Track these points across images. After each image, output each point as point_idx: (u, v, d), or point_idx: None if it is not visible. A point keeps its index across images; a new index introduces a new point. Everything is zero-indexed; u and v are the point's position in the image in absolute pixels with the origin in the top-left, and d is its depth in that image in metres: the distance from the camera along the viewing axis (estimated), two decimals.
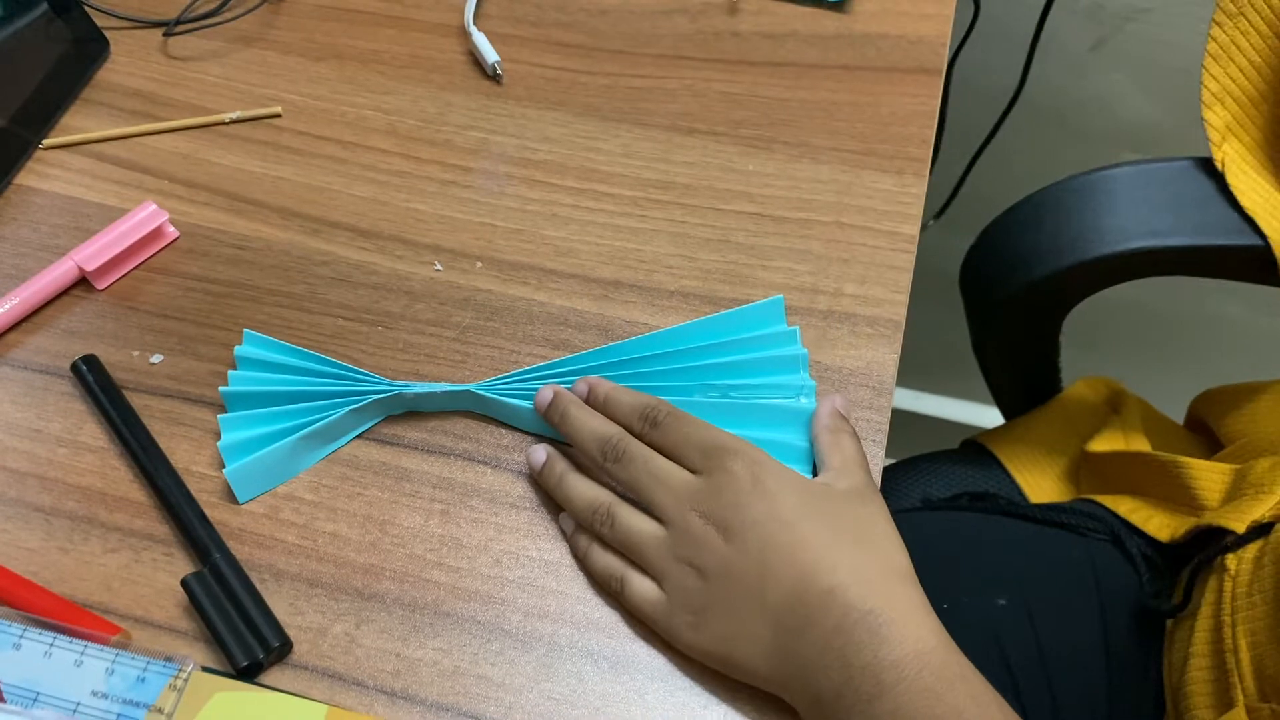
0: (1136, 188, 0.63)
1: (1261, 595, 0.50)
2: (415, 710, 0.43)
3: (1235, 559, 0.53)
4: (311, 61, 0.65)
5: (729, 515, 0.43)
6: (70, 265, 0.55)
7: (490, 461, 0.50)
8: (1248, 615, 0.51)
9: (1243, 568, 0.53)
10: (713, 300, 0.55)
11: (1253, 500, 0.55)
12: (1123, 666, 0.59)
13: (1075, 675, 0.42)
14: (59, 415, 0.52)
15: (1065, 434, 0.72)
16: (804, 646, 0.40)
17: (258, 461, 0.48)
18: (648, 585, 0.44)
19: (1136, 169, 0.64)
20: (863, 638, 0.39)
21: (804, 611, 0.40)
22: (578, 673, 0.44)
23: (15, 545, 0.48)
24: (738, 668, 0.42)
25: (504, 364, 0.53)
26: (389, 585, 0.46)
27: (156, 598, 0.46)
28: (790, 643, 0.41)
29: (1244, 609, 0.51)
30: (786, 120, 0.62)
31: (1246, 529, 0.53)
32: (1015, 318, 0.71)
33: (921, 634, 0.39)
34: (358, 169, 0.60)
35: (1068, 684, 0.42)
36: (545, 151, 0.61)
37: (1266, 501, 0.54)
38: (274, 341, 0.52)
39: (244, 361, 0.52)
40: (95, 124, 0.63)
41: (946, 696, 0.38)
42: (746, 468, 0.43)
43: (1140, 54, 0.97)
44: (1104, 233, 0.62)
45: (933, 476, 0.74)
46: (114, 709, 0.41)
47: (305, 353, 0.52)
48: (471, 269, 0.56)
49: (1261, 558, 0.52)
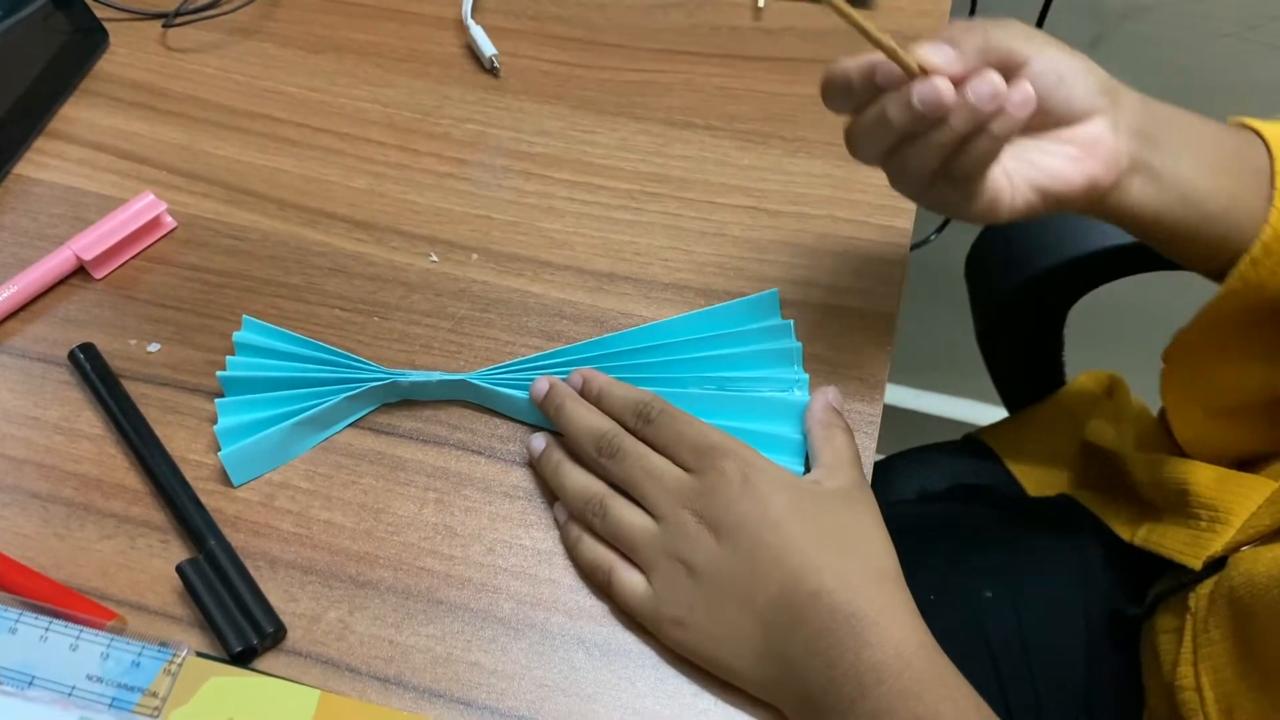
0: None
1: (1220, 631, 0.50)
2: (408, 696, 0.44)
3: (1194, 597, 0.52)
4: (310, 54, 0.66)
5: (720, 515, 0.43)
6: (68, 254, 0.55)
7: (484, 451, 0.50)
8: (1209, 652, 0.50)
9: (1200, 604, 0.52)
10: (707, 293, 0.55)
11: (1208, 531, 0.53)
12: (1102, 663, 0.60)
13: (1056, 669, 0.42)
14: (56, 403, 0.52)
15: (1065, 427, 0.72)
16: (790, 648, 0.41)
17: (253, 445, 0.49)
18: (636, 578, 0.44)
19: None
20: (846, 640, 0.40)
21: (790, 614, 0.41)
22: (570, 660, 0.45)
23: (12, 531, 0.48)
24: (723, 666, 0.43)
25: (499, 355, 0.53)
26: (383, 573, 0.47)
27: (152, 584, 0.47)
28: (777, 644, 0.41)
29: (1204, 645, 0.50)
30: (783, 115, 0.62)
31: (1203, 566, 0.52)
32: (1020, 309, 0.71)
33: (904, 636, 0.40)
34: (355, 161, 0.61)
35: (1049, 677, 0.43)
36: (542, 144, 0.61)
37: (1222, 535, 0.52)
38: (273, 328, 0.53)
39: (243, 348, 0.53)
40: (94, 115, 0.63)
41: (926, 698, 0.39)
42: (738, 468, 0.44)
43: (1139, 52, 0.97)
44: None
45: (931, 468, 0.74)
46: (109, 693, 0.42)
47: (304, 340, 0.52)
48: (467, 261, 0.56)
49: (1214, 593, 0.51)
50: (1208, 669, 0.49)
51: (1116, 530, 0.61)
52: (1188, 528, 0.55)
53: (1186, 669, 0.50)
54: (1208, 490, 0.54)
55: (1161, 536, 0.56)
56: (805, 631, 0.40)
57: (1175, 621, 0.53)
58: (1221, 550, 0.52)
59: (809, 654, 0.40)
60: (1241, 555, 0.50)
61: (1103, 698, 0.58)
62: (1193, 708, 0.49)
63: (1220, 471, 0.55)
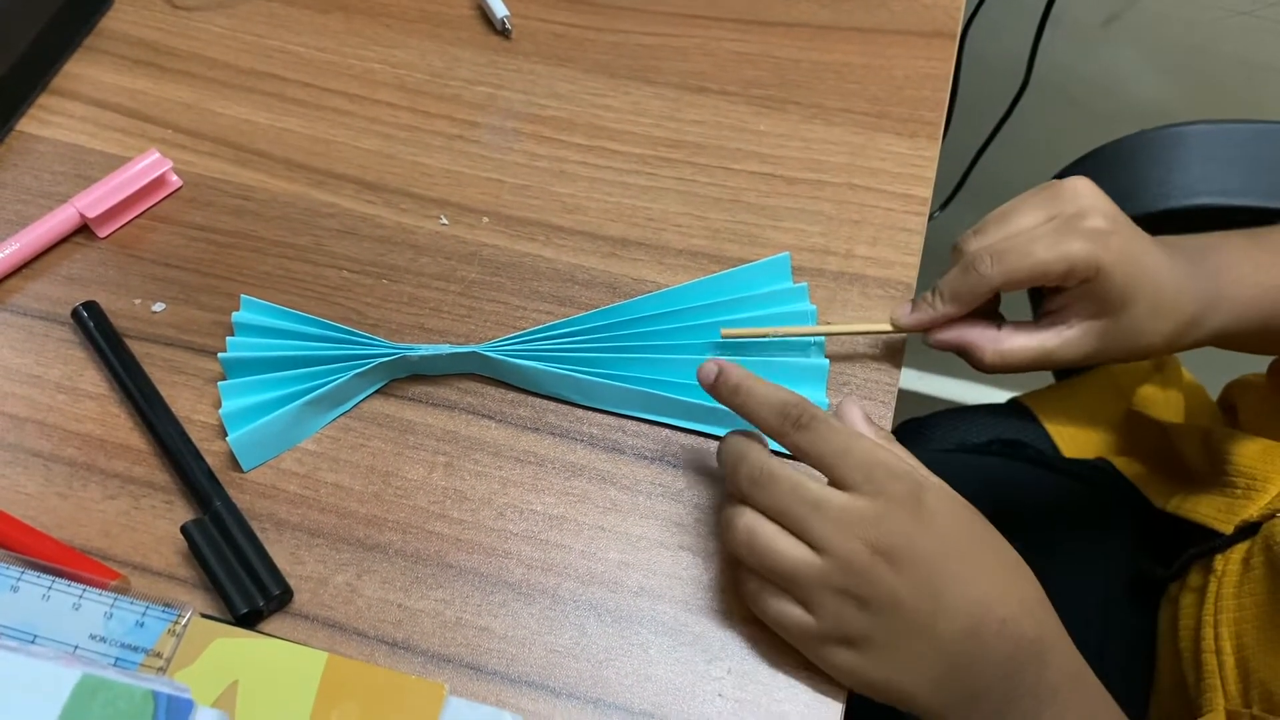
0: (1208, 146, 0.63)
1: (1252, 598, 0.49)
2: (417, 660, 0.43)
3: (1223, 559, 0.52)
4: (318, 13, 0.65)
5: (897, 544, 0.39)
6: (72, 212, 0.54)
7: (495, 416, 0.49)
8: (1235, 617, 0.50)
9: (1230, 568, 0.52)
10: (721, 260, 0.54)
11: (1243, 498, 0.53)
12: (1118, 625, 0.59)
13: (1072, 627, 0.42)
14: (59, 361, 0.51)
15: (1109, 394, 0.72)
16: (973, 676, 0.40)
17: (262, 428, 0.47)
18: (796, 611, 0.41)
19: (1211, 127, 0.64)
20: (1028, 664, 0.40)
21: (977, 642, 0.39)
22: (580, 625, 0.44)
23: (14, 490, 0.47)
24: (896, 694, 0.40)
25: (510, 319, 0.52)
26: (391, 536, 0.46)
27: (156, 545, 0.46)
28: (959, 672, 0.40)
29: (1229, 609, 0.50)
30: (799, 81, 0.61)
31: (1235, 530, 0.52)
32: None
33: (1072, 656, 0.41)
34: (364, 122, 0.60)
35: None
36: (554, 108, 0.60)
37: (1258, 501, 0.52)
38: (272, 306, 0.51)
39: (242, 328, 0.51)
40: (99, 72, 0.62)
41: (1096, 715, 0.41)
42: (909, 490, 0.40)
43: (1152, 31, 0.96)
44: (1171, 187, 0.62)
45: (972, 424, 0.74)
46: (112, 652, 0.41)
47: (305, 317, 0.51)
48: (478, 224, 0.56)
49: (1249, 559, 0.51)
50: (1230, 633, 0.49)
51: (1150, 497, 0.60)
52: (1223, 495, 0.54)
53: (1209, 631, 0.50)
54: (1250, 460, 0.54)
55: (1195, 504, 0.56)
56: (992, 659, 0.39)
57: (1201, 581, 0.53)
58: (1256, 515, 0.51)
59: (994, 679, 0.40)
60: (1277, 521, 0.50)
61: (1113, 661, 0.58)
62: (1210, 669, 0.49)
63: (1267, 444, 0.54)
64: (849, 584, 0.40)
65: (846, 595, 0.40)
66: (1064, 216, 0.45)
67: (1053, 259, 0.44)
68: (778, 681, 0.42)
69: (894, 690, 0.40)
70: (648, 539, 0.46)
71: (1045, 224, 0.46)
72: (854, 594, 0.40)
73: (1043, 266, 0.45)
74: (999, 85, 0.91)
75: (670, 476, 0.48)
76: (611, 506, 0.47)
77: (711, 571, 0.45)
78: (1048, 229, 0.45)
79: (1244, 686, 0.48)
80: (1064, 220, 0.45)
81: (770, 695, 0.42)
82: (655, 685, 0.42)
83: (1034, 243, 0.45)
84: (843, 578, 0.40)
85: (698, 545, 0.46)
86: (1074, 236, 0.44)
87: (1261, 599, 0.49)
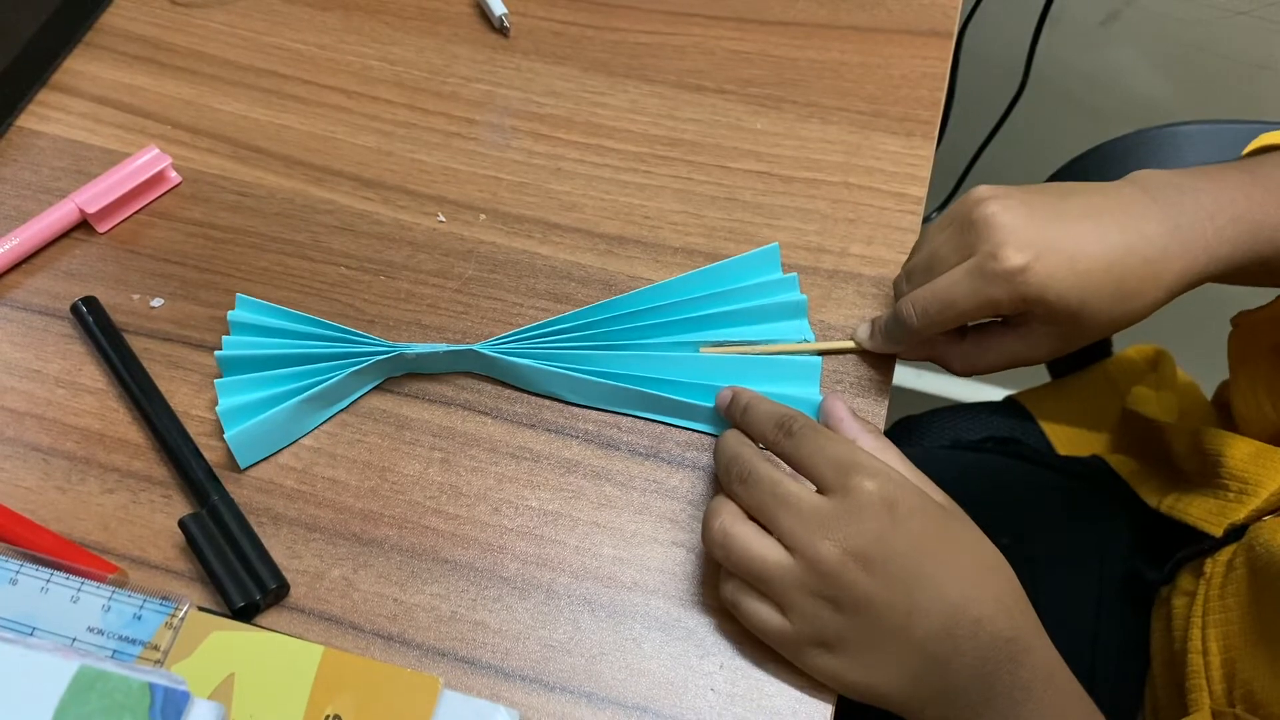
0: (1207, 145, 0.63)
1: (1236, 599, 0.50)
2: (412, 654, 0.43)
3: (1212, 563, 0.53)
4: (317, 10, 0.65)
5: (869, 546, 0.39)
6: (71, 207, 0.54)
7: (491, 412, 0.50)
8: (1221, 619, 0.50)
9: (1217, 570, 0.52)
10: (717, 257, 0.54)
11: (1235, 501, 0.53)
12: (1111, 624, 0.60)
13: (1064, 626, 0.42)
14: (58, 356, 0.51)
15: (1106, 393, 0.72)
16: (948, 674, 0.40)
17: (259, 426, 0.47)
18: (768, 612, 0.42)
19: (1209, 127, 0.64)
20: (1004, 663, 0.40)
21: (952, 642, 0.39)
22: (575, 620, 0.44)
23: (13, 484, 0.48)
24: (874, 695, 0.41)
25: (506, 316, 0.52)
26: (387, 531, 0.46)
27: (154, 538, 0.46)
28: (935, 671, 0.40)
29: (1216, 611, 0.50)
30: (796, 80, 0.61)
31: (1224, 532, 0.53)
32: None
33: (1048, 655, 0.41)
34: (362, 119, 0.60)
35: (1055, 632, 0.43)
36: (551, 105, 0.60)
37: (1248, 504, 0.52)
38: (268, 305, 0.52)
39: (238, 326, 0.51)
40: (98, 68, 0.62)
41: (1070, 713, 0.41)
42: (880, 488, 0.40)
43: (1152, 29, 0.97)
44: None
45: (967, 422, 0.74)
46: (110, 645, 0.41)
47: (301, 315, 0.51)
48: (475, 221, 0.56)
49: (1233, 560, 0.51)
50: (1217, 634, 0.49)
51: (1143, 497, 0.61)
52: (1215, 497, 0.55)
53: (1196, 632, 0.51)
54: (1241, 463, 0.54)
55: (1187, 505, 0.56)
56: (967, 657, 0.39)
57: (1192, 585, 0.53)
58: (1244, 519, 0.52)
59: (969, 678, 0.40)
60: (1263, 524, 0.50)
61: (1107, 659, 0.58)
62: (1196, 669, 0.50)
63: (1259, 446, 0.54)
64: (821, 586, 0.40)
65: (820, 597, 0.40)
66: (980, 255, 0.44)
67: (973, 309, 0.44)
68: (769, 676, 0.43)
69: (872, 691, 0.41)
70: (642, 535, 0.46)
71: (961, 269, 0.44)
72: (826, 596, 0.40)
73: (966, 316, 0.45)
74: (997, 84, 0.92)
75: (664, 473, 0.48)
76: (606, 502, 0.47)
77: (705, 568, 0.46)
78: (964, 275, 0.44)
79: (1228, 687, 0.48)
80: (978, 262, 0.44)
81: (762, 690, 0.43)
82: (648, 680, 0.43)
83: (953, 290, 0.44)
84: (815, 579, 0.40)
85: (691, 541, 0.46)
86: (990, 282, 0.43)
87: (1245, 601, 0.49)
